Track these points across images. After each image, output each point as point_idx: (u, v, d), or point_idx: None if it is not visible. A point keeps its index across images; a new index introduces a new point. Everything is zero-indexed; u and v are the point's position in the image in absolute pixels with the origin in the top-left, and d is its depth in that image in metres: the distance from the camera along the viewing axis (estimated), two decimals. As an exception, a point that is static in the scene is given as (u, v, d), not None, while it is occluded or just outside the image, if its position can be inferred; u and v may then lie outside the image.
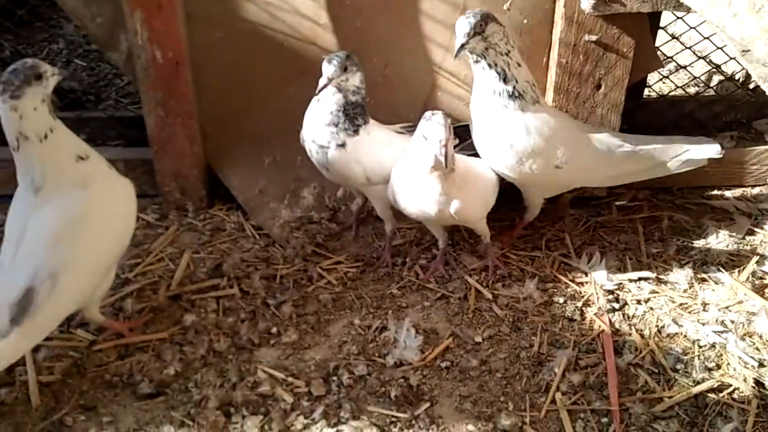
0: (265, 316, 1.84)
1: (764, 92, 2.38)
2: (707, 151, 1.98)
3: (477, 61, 1.78)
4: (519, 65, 1.80)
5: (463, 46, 1.71)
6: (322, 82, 1.76)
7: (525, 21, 2.05)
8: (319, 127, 1.85)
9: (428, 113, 1.66)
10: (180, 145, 2.10)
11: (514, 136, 1.81)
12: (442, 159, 1.60)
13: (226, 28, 2.05)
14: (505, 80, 1.77)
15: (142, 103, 2.07)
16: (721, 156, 1.98)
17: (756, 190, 2.34)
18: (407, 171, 1.76)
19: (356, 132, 1.84)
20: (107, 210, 1.57)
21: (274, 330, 1.80)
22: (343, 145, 1.84)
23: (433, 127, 1.62)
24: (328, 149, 1.85)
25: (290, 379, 1.67)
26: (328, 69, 1.75)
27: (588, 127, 2.03)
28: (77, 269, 1.51)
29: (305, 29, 2.05)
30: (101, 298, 1.70)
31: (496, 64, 1.76)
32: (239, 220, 2.18)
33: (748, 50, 1.51)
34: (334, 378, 1.67)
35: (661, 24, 2.34)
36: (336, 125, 1.83)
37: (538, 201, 2.03)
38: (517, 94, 1.79)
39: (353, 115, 1.83)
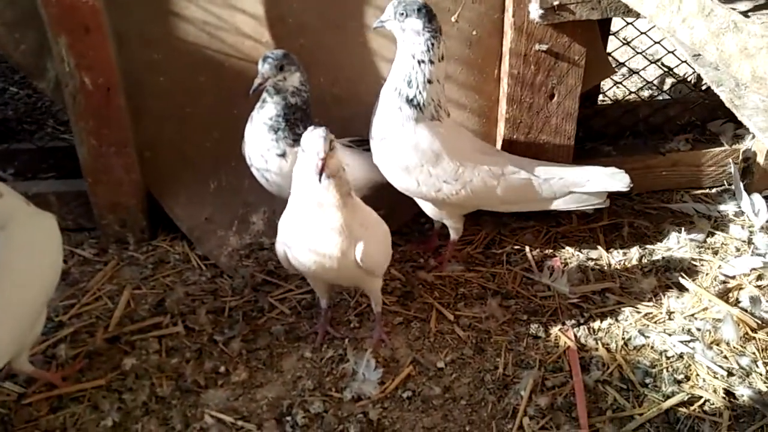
0: (212, 354, 1.72)
1: (717, 94, 2.40)
2: (613, 183, 1.86)
3: (398, 47, 1.72)
4: (430, 82, 1.70)
5: (382, 22, 1.69)
6: (256, 81, 1.69)
7: (474, 32, 2.00)
8: (258, 134, 1.78)
9: (312, 127, 1.49)
10: (116, 174, 1.97)
11: (399, 144, 1.74)
12: (317, 171, 1.43)
13: (163, 50, 1.94)
14: (408, 83, 1.71)
15: (74, 133, 1.94)
16: (628, 189, 1.87)
17: (714, 192, 2.33)
18: (299, 211, 1.54)
19: (296, 142, 1.75)
20: (29, 250, 1.44)
21: (222, 369, 1.68)
22: (283, 155, 1.76)
23: (312, 139, 1.45)
24: (267, 158, 1.77)
25: (240, 422, 1.55)
26: (263, 67, 1.68)
27: (490, 148, 1.96)
28: (5, 318, 1.37)
29: (247, 48, 1.96)
30: (30, 346, 1.56)
31: (406, 64, 1.70)
32: (184, 250, 2.06)
33: (699, 54, 1.48)
34: (288, 418, 1.56)
35: (612, 30, 2.32)
36: (276, 131, 1.75)
37: (450, 220, 1.93)
38: (416, 104, 1.72)
39: (294, 122, 1.75)
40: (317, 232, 1.52)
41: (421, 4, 1.66)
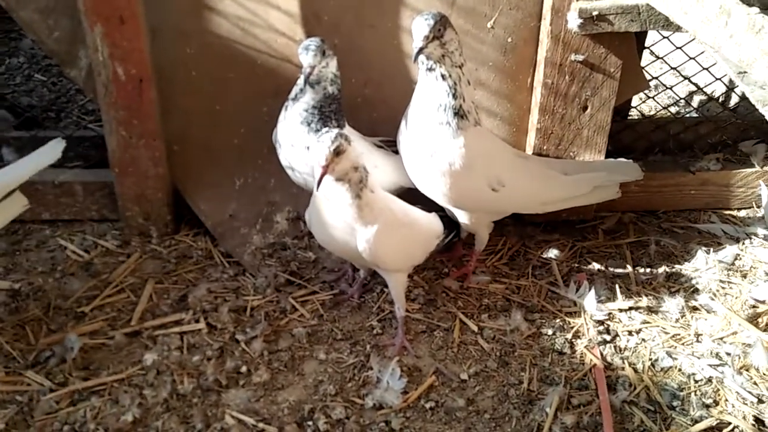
0: (233, 353, 1.70)
1: (749, 114, 2.37)
2: (628, 174, 1.99)
3: (431, 69, 1.65)
4: (468, 83, 1.71)
5: (421, 50, 1.59)
6: (305, 71, 1.67)
7: (509, 40, 1.98)
8: (291, 125, 1.76)
9: (325, 129, 1.52)
10: (144, 167, 1.96)
11: (452, 155, 1.70)
12: (315, 180, 1.49)
13: (195, 44, 1.93)
14: (454, 95, 1.67)
15: (103, 123, 1.93)
16: (641, 178, 2.01)
17: (743, 213, 2.29)
18: (316, 196, 1.62)
19: None
20: None
21: (243, 369, 1.66)
22: (310, 148, 1.74)
23: (319, 147, 1.48)
24: (295, 149, 1.76)
25: (261, 424, 1.53)
26: (308, 57, 1.65)
27: (519, 152, 2.00)
28: None
29: (280, 46, 1.95)
30: None
31: (450, 76, 1.65)
32: (207, 246, 2.04)
33: (745, 72, 1.45)
34: (310, 423, 1.54)
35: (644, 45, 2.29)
36: (308, 124, 1.74)
37: (481, 229, 1.91)
38: (462, 113, 1.69)
39: (328, 114, 1.74)
40: (325, 218, 1.60)
41: (441, 14, 1.63)
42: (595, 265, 2.05)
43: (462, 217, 1.86)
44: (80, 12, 1.77)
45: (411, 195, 1.88)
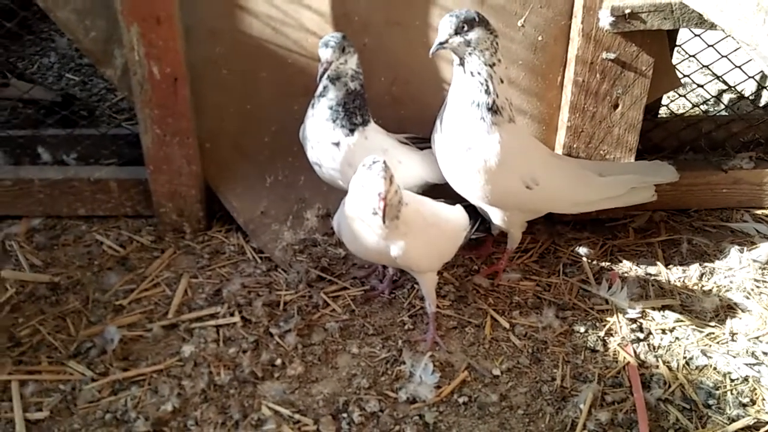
0: (268, 346, 1.73)
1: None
2: (664, 176, 1.99)
3: (460, 64, 1.67)
4: (502, 81, 1.71)
5: (441, 44, 1.62)
6: (320, 67, 1.68)
7: (540, 38, 1.98)
8: (317, 122, 1.79)
9: (369, 159, 1.48)
10: (177, 164, 1.99)
11: (487, 151, 1.70)
12: (380, 213, 1.46)
13: (227, 43, 1.96)
14: (486, 92, 1.68)
15: (138, 121, 1.96)
16: (677, 180, 2.00)
17: (776, 213, 2.27)
18: (351, 206, 1.58)
19: (352, 132, 1.75)
20: None
21: (278, 362, 1.68)
22: (337, 144, 1.76)
23: (372, 177, 1.45)
24: (322, 146, 1.78)
25: (297, 416, 1.55)
26: (326, 52, 1.67)
27: (552, 152, 2.01)
28: None
29: (310, 45, 1.97)
30: None
31: (479, 73, 1.66)
32: (239, 242, 2.07)
33: (784, 68, 1.44)
34: (344, 415, 1.56)
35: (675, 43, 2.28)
36: (334, 120, 1.76)
37: (515, 229, 1.91)
38: (495, 109, 1.69)
39: (352, 110, 1.76)
40: (356, 229, 1.59)
41: (475, 12, 1.65)
42: (627, 264, 2.04)
43: (496, 216, 1.85)
44: (117, 12, 1.81)
45: (435, 191, 1.89)
